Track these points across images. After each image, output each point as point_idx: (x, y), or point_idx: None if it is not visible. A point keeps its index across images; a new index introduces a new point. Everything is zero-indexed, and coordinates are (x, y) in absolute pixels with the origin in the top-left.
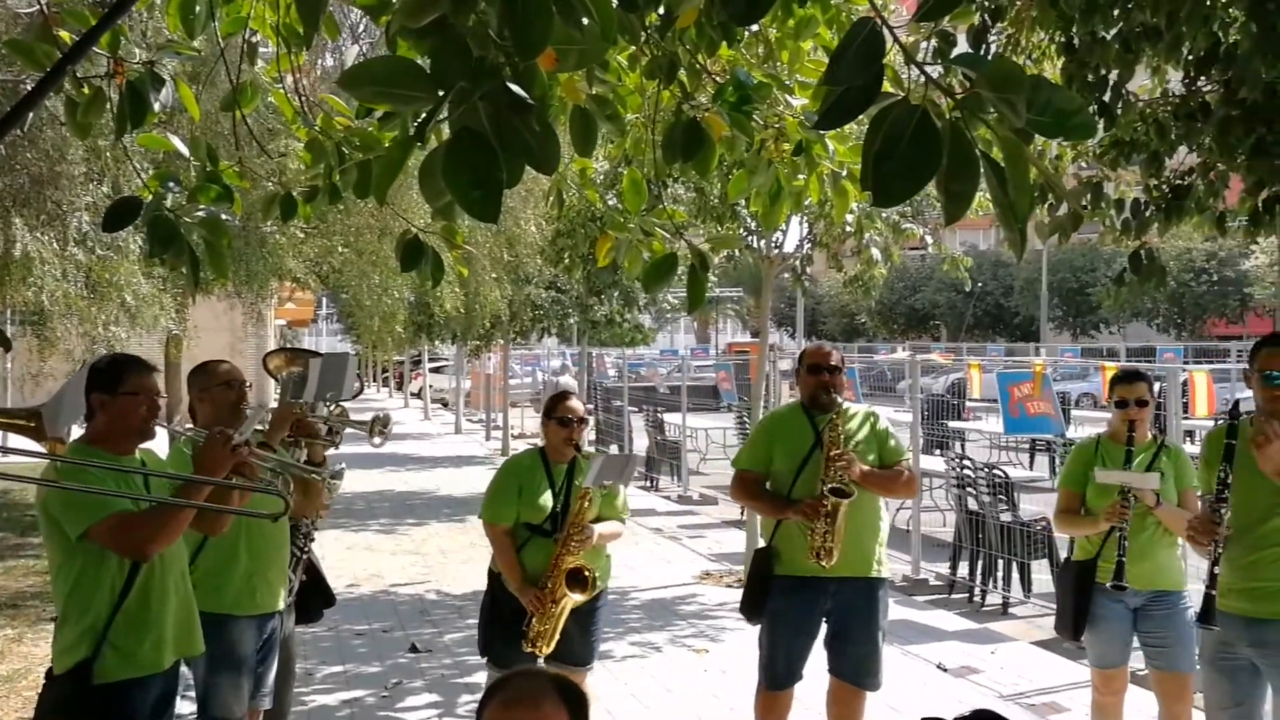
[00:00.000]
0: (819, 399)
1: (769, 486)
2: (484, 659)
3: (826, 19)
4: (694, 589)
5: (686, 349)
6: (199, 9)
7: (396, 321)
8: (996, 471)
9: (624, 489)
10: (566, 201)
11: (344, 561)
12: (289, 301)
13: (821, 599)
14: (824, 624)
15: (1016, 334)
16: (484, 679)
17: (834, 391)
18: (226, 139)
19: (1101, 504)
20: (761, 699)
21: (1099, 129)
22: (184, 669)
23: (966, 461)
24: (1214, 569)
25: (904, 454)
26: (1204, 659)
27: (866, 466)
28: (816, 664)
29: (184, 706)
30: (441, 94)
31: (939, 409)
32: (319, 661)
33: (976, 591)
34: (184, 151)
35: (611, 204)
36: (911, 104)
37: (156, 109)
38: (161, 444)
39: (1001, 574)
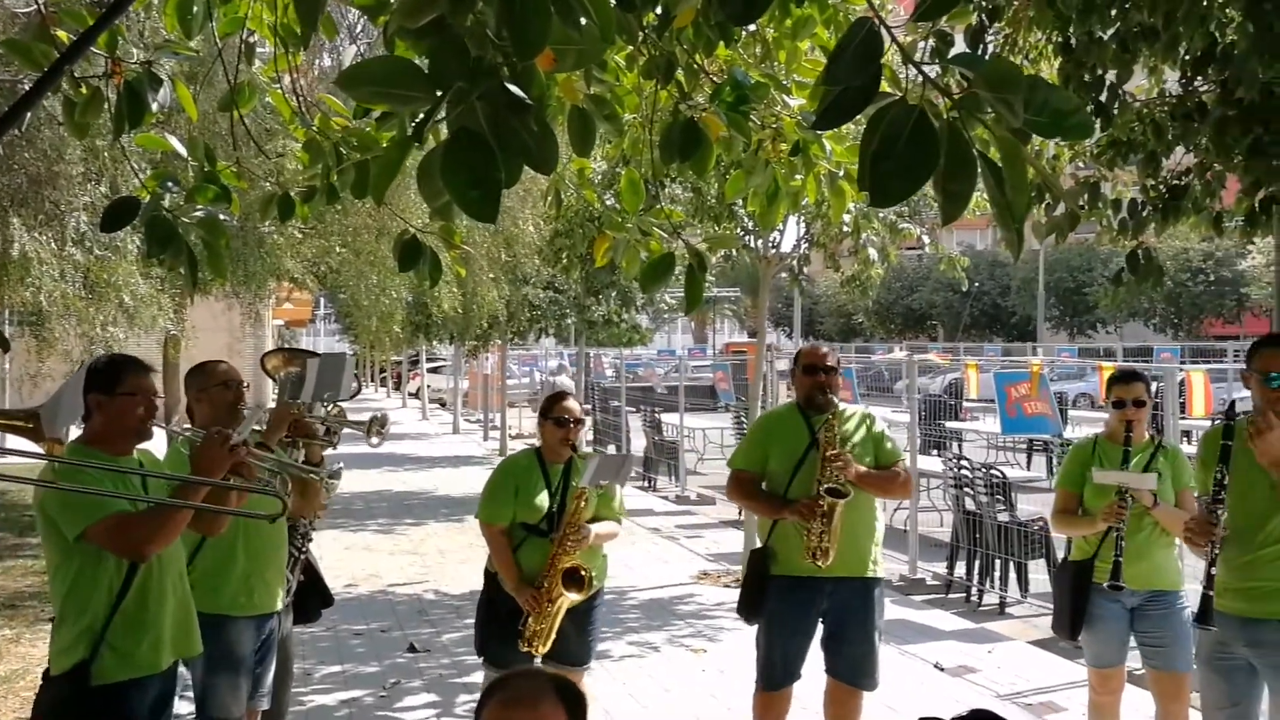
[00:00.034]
0: (814, 399)
1: (765, 487)
2: (480, 659)
3: (824, 19)
4: (692, 589)
5: (684, 349)
6: (196, 9)
7: (394, 321)
8: (994, 471)
9: (620, 489)
10: (564, 201)
11: (342, 561)
12: (287, 302)
13: (818, 599)
14: (820, 624)
15: (1013, 334)
16: (482, 679)
17: (829, 392)
18: (224, 139)
19: (1099, 504)
20: (759, 699)
21: (1095, 129)
22: (182, 670)
23: (964, 461)
24: (1211, 570)
25: (900, 455)
26: (1200, 659)
27: (863, 468)
28: (815, 663)
29: (182, 707)
30: (439, 94)
31: (936, 409)
32: (317, 661)
33: (974, 591)
34: (182, 152)
35: (609, 204)
36: (909, 104)
37: (154, 109)
38: (160, 444)
39: (999, 574)
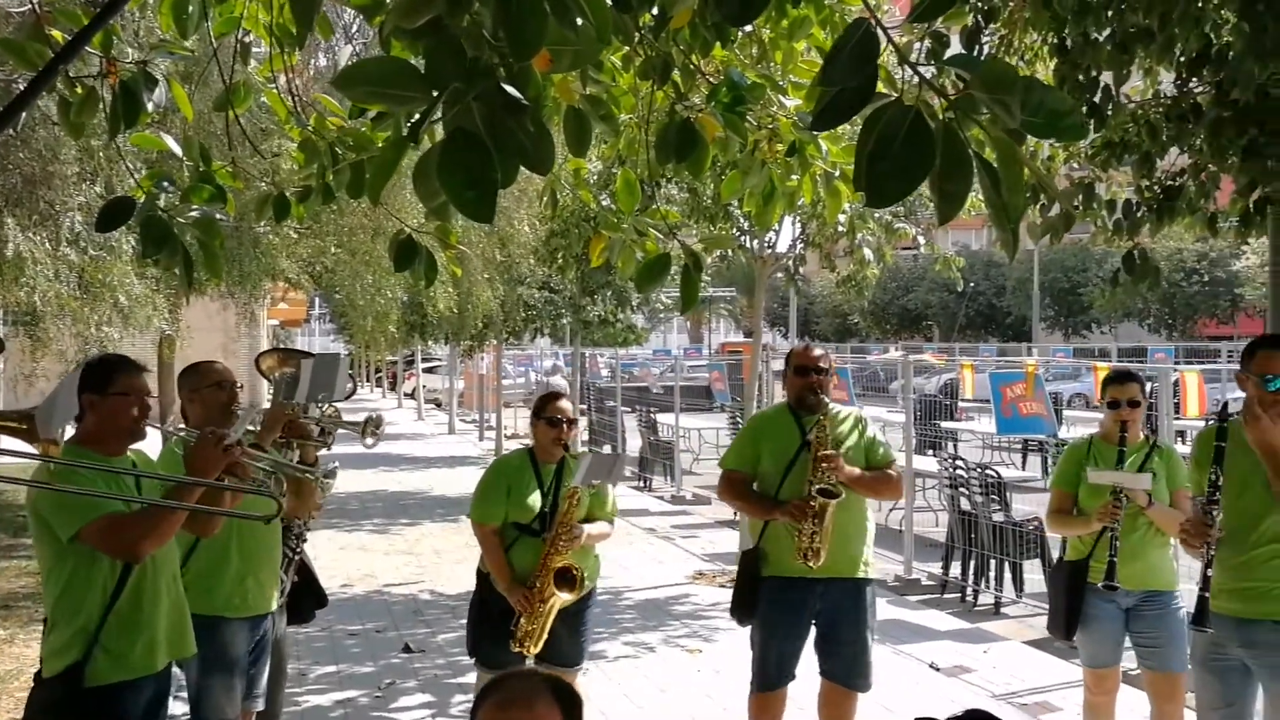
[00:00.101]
0: (806, 400)
1: (756, 487)
2: (472, 659)
3: (820, 20)
4: (687, 589)
5: (679, 349)
6: (192, 8)
7: (390, 322)
8: (989, 472)
9: (612, 489)
10: (560, 202)
11: (337, 561)
12: (282, 302)
13: (809, 600)
14: (813, 625)
15: (1009, 334)
16: (475, 680)
17: (821, 392)
18: (220, 139)
19: (1094, 504)
20: (754, 700)
21: (1090, 130)
22: (176, 671)
23: (959, 462)
24: (1207, 570)
25: (892, 458)
26: (1195, 659)
27: (854, 469)
28: (811, 663)
29: (176, 708)
30: (436, 94)
31: (931, 409)
32: (312, 662)
33: (969, 591)
34: (177, 151)
35: (605, 204)
36: (905, 105)
37: (150, 109)
38: (154, 444)
39: (994, 574)
